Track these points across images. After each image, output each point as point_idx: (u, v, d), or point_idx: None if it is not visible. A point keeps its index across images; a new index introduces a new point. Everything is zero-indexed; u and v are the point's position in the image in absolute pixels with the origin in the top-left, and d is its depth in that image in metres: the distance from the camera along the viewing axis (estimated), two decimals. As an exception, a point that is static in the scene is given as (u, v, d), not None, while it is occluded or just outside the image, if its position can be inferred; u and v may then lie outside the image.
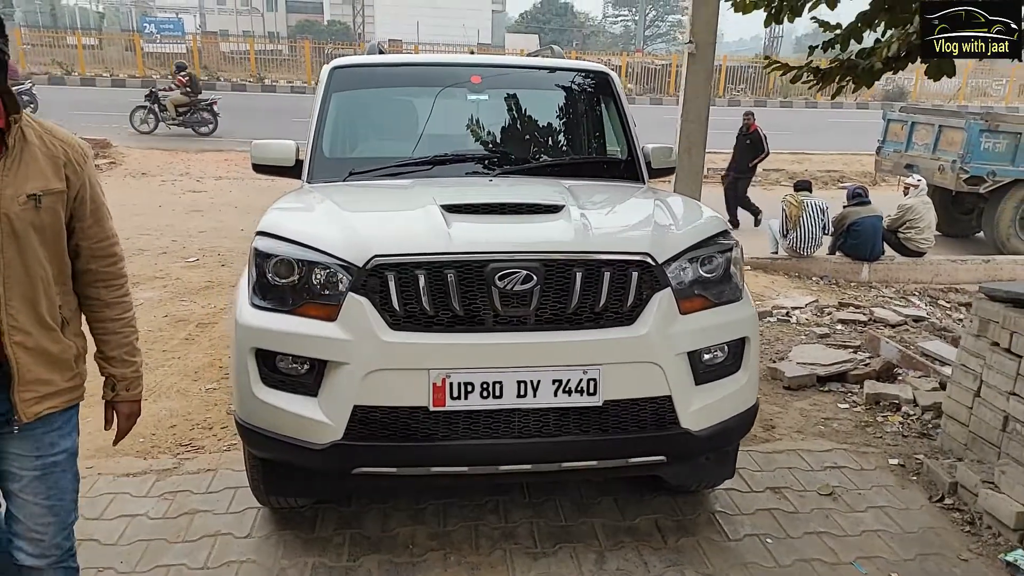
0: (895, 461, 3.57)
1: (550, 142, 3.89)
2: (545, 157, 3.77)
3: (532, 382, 2.37)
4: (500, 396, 2.37)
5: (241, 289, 2.64)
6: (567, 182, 3.23)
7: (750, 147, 9.97)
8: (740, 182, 10.00)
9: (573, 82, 3.99)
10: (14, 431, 1.76)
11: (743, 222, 9.81)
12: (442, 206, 2.62)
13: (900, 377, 4.52)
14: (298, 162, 3.54)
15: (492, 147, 3.68)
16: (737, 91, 30.04)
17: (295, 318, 2.43)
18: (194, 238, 8.17)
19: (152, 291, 6.22)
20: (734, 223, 9.50)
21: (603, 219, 2.76)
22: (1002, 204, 9.04)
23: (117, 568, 2.69)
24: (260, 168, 3.61)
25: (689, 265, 2.57)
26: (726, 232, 2.74)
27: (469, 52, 9.04)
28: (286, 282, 2.47)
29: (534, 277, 2.36)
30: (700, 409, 2.53)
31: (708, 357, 2.60)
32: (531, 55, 5.26)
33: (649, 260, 2.46)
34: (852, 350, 4.95)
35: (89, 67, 26.80)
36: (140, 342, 2.04)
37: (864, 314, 6.04)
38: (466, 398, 2.35)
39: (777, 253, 8.16)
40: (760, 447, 3.63)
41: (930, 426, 3.91)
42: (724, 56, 31.12)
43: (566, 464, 2.51)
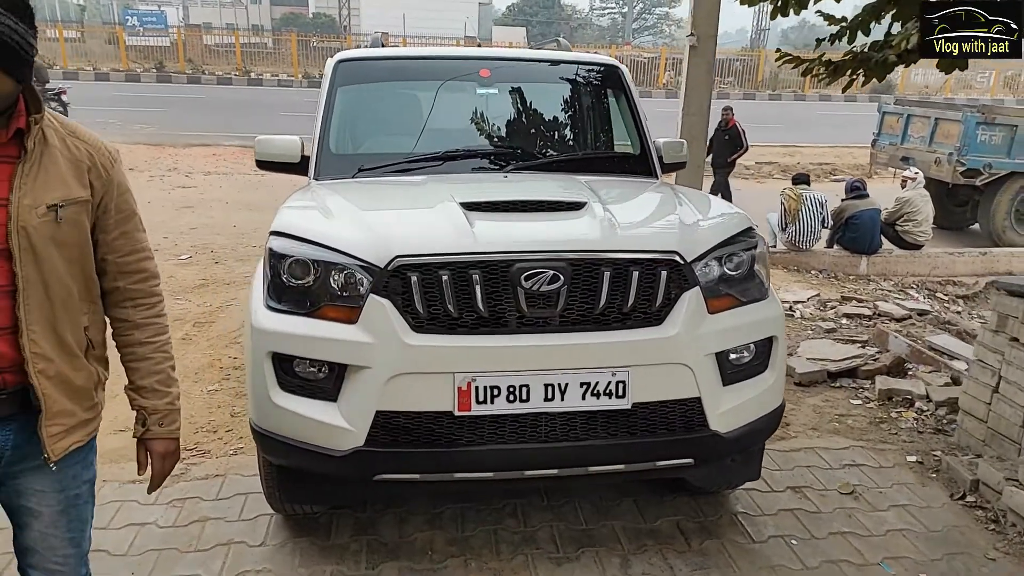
0: (913, 458, 3.53)
1: (562, 137, 3.82)
2: (557, 152, 3.70)
3: (560, 385, 2.31)
4: (527, 400, 2.30)
5: (255, 291, 2.55)
6: (583, 178, 3.16)
7: (728, 142, 9.92)
8: (718, 176, 9.99)
9: (583, 76, 3.92)
10: (50, 467, 1.57)
11: None
12: (462, 204, 2.55)
13: (911, 372, 4.50)
14: (304, 158, 3.45)
15: (503, 142, 3.60)
16: (725, 84, 30.06)
17: (314, 321, 2.35)
18: (186, 235, 8.03)
19: (146, 290, 6.09)
20: None
21: (628, 216, 2.69)
22: (998, 196, 9.06)
23: (128, 580, 2.60)
24: (264, 164, 3.50)
25: (716, 263, 2.51)
26: (751, 229, 2.68)
27: (476, 45, 8.89)
28: (303, 284, 2.38)
29: (561, 277, 2.29)
30: (728, 411, 2.47)
31: (735, 357, 2.54)
32: (537, 48, 5.18)
33: (677, 258, 2.40)
34: (860, 345, 4.92)
35: (71, 60, 26.40)
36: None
37: (868, 308, 6.02)
38: (492, 402, 2.28)
39: (775, 247, 8.14)
40: (777, 445, 3.58)
41: (945, 422, 3.88)
42: (712, 49, 31.06)
43: (593, 468, 2.45)
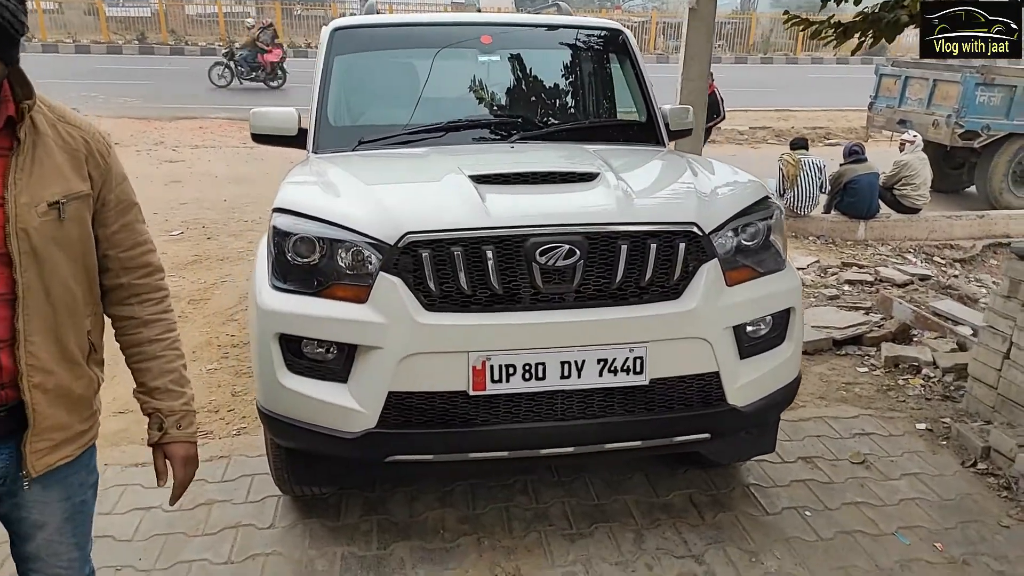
0: (922, 426, 3.52)
1: (567, 104, 3.72)
2: (563, 121, 3.60)
3: (576, 362, 2.25)
4: (543, 378, 2.25)
5: (258, 270, 2.47)
6: (591, 147, 3.08)
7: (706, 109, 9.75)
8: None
9: (586, 41, 3.80)
10: (23, 486, 1.44)
11: None
12: (471, 176, 2.46)
13: (916, 338, 4.47)
14: (301, 131, 3.34)
15: (507, 111, 3.50)
16: (716, 47, 29.71)
17: (322, 300, 2.27)
18: (176, 210, 7.88)
19: (139, 267, 5.98)
20: None
21: (643, 187, 2.62)
22: (995, 159, 8.99)
23: (136, 566, 2.55)
24: (260, 138, 3.39)
25: (734, 234, 2.45)
26: (768, 198, 2.62)
27: (475, 11, 8.60)
28: (309, 262, 2.31)
29: (577, 252, 2.22)
30: (746, 384, 2.43)
31: (752, 330, 2.49)
32: (534, 13, 5.04)
33: (696, 230, 2.33)
34: (864, 312, 4.89)
35: (50, 32, 25.75)
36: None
37: (870, 274, 5.99)
38: (508, 381, 2.23)
39: (774, 213, 8.06)
40: (787, 415, 3.54)
41: (952, 388, 3.87)
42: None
43: (610, 445, 2.41)
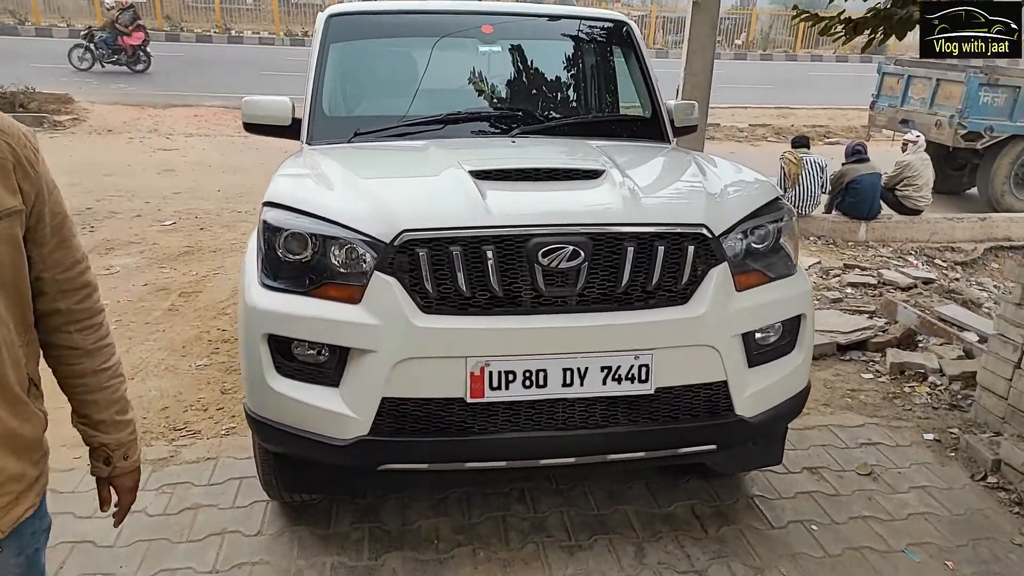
0: (930, 436, 3.43)
1: (569, 98, 3.61)
2: (565, 114, 3.49)
3: (579, 369, 2.15)
4: (544, 385, 2.14)
5: (248, 267, 2.35)
6: (595, 142, 2.97)
7: None
8: None
9: (590, 32, 3.69)
10: None
11: None
12: (470, 172, 2.35)
13: (922, 344, 4.39)
14: (295, 121, 3.22)
15: (509, 104, 3.39)
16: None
17: (313, 300, 2.16)
18: (169, 200, 7.74)
19: (129, 257, 5.86)
20: None
21: (650, 185, 2.51)
22: (998, 160, 8.92)
23: (117, 573, 2.44)
24: (252, 128, 3.27)
25: (743, 237, 2.34)
26: (779, 199, 2.51)
27: None
28: (300, 259, 2.19)
29: (581, 253, 2.12)
30: (754, 394, 2.33)
31: (761, 337, 2.39)
32: (538, 2, 4.92)
33: (705, 232, 2.23)
34: (868, 316, 4.80)
35: (44, 16, 25.44)
36: (121, 335, 1.49)
37: (872, 276, 5.90)
38: (507, 388, 2.12)
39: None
40: (791, 423, 3.45)
41: (960, 397, 3.78)
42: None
43: (612, 456, 2.31)
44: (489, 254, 2.09)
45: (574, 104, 3.64)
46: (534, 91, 3.50)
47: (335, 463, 2.27)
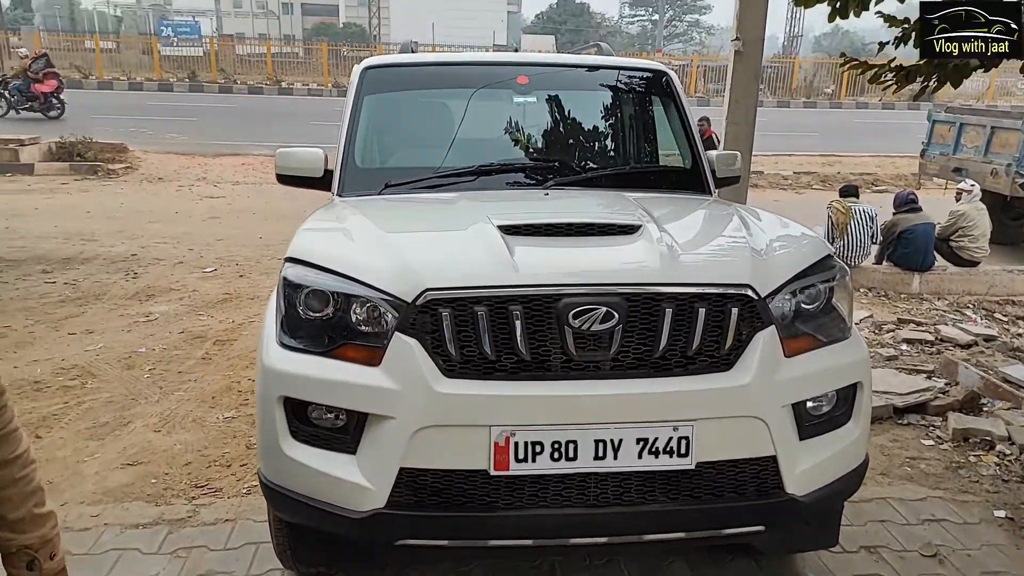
0: (1001, 513, 3.14)
1: (606, 148, 3.50)
2: (601, 166, 3.38)
3: (612, 441, 1.98)
4: (574, 458, 1.98)
5: (268, 325, 2.25)
6: (631, 194, 2.85)
7: None
8: None
9: (628, 82, 3.59)
10: None
11: None
12: (499, 227, 2.24)
13: (986, 408, 4.09)
14: (327, 172, 3.18)
15: (543, 155, 3.29)
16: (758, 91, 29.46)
17: (331, 361, 2.05)
18: (212, 247, 7.84)
19: (168, 304, 5.89)
20: None
21: (690, 242, 2.36)
22: (1059, 210, 8.54)
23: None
24: (285, 179, 3.23)
25: (792, 297, 2.17)
26: (830, 256, 2.34)
27: (513, 50, 8.47)
28: (320, 318, 2.09)
29: (615, 315, 1.97)
30: (807, 470, 2.12)
31: (813, 407, 2.19)
32: (575, 53, 4.87)
33: (750, 293, 2.06)
34: (927, 375, 4.52)
35: (106, 70, 26.72)
36: (153, 384, 1.31)
37: (929, 332, 5.60)
38: (534, 460, 1.96)
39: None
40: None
41: (1032, 468, 3.48)
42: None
43: (648, 536, 2.12)
44: (516, 315, 1.95)
45: (612, 155, 3.53)
46: (570, 142, 3.41)
47: (351, 536, 2.13)
